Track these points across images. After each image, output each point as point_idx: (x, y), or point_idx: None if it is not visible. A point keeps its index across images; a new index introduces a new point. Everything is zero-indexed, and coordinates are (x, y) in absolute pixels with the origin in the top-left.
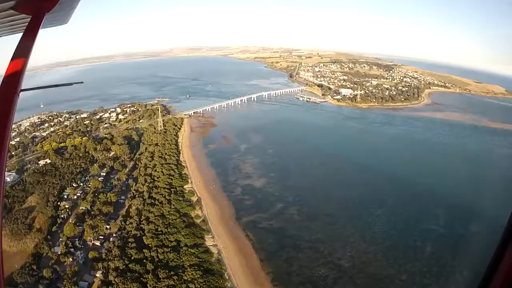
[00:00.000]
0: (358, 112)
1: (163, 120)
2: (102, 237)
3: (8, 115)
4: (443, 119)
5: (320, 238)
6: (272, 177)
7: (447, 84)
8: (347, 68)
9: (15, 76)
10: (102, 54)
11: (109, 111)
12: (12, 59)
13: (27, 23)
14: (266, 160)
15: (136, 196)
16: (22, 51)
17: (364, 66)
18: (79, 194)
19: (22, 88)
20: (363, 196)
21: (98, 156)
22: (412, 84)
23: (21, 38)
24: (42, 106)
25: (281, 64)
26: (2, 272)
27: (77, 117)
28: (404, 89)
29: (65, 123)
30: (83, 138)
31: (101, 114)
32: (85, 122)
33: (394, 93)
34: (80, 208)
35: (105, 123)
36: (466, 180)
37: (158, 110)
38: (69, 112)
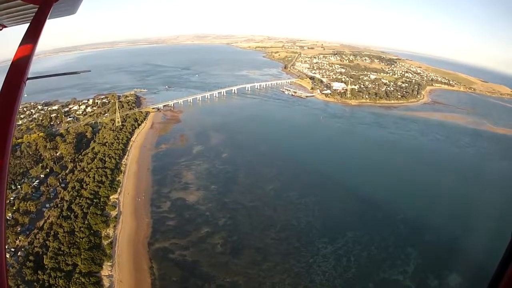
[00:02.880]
0: (345, 109)
1: (126, 115)
2: (13, 250)
3: (14, 103)
4: (441, 121)
5: (236, 283)
6: (211, 191)
7: (451, 82)
8: (347, 61)
9: (22, 65)
10: (111, 39)
11: (80, 103)
12: (19, 48)
13: (34, 13)
14: (214, 168)
15: (58, 205)
16: (29, 41)
17: (365, 59)
18: (12, 199)
19: (28, 77)
20: (315, 224)
21: (45, 155)
22: (413, 80)
23: (28, 27)
24: (25, 95)
25: (279, 54)
26: (5, 272)
27: (48, 109)
28: (403, 85)
29: (34, 116)
30: (40, 134)
31: (72, 106)
32: (52, 115)
33: (392, 89)
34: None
35: (70, 117)
36: (462, 211)
37: (115, 104)
38: (45, 104)
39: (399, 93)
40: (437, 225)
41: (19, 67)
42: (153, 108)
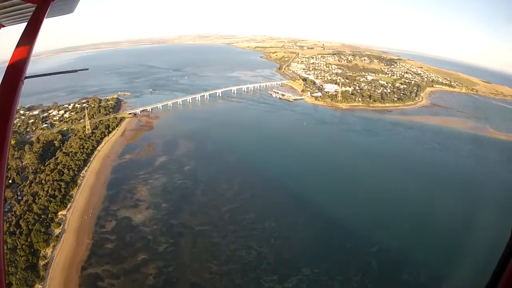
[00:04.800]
0: (335, 114)
1: (100, 121)
2: None
3: (12, 102)
4: (439, 126)
5: None
6: (161, 210)
7: (452, 83)
8: (345, 61)
9: (19, 64)
10: (114, 39)
11: (60, 108)
12: (16, 47)
13: (32, 12)
14: (172, 182)
15: (8, 220)
16: (27, 40)
17: (364, 59)
18: None
19: (26, 75)
20: (267, 257)
21: (12, 165)
22: (413, 82)
23: (26, 26)
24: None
25: (276, 55)
26: (4, 273)
27: (29, 114)
28: (402, 86)
29: (15, 121)
30: (11, 142)
31: (51, 111)
32: (29, 121)
33: (389, 91)
34: None
35: (46, 123)
36: (456, 241)
37: (92, 109)
38: (28, 108)
39: (395, 96)
40: (423, 262)
41: (17, 66)
42: (129, 114)
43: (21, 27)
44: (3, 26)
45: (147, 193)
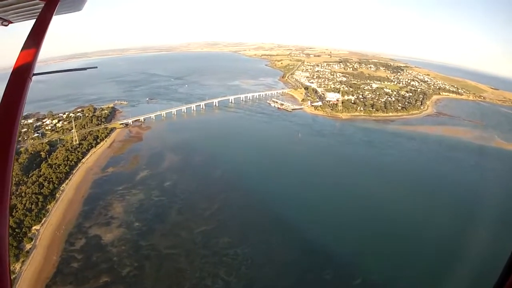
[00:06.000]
0: (335, 124)
1: (90, 132)
2: None
3: (20, 99)
4: (444, 136)
5: None
6: (132, 229)
7: (459, 90)
8: (351, 69)
9: (28, 60)
10: (122, 46)
11: (54, 117)
12: (25, 44)
13: (40, 9)
14: (148, 199)
15: None
16: (35, 37)
17: (370, 67)
18: None
19: (34, 72)
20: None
21: None
22: (419, 89)
23: (35, 23)
24: None
25: (281, 63)
26: (9, 274)
27: (24, 123)
28: (407, 94)
29: None
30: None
31: (45, 120)
32: (22, 130)
33: (393, 99)
34: None
35: (38, 133)
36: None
37: (73, 121)
38: (25, 116)
39: (399, 104)
40: None
41: (25, 63)
42: (121, 124)
43: (29, 24)
44: (11, 22)
45: (121, 210)
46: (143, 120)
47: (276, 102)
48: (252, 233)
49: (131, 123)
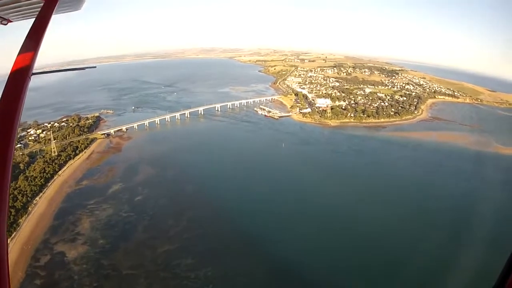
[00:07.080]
0: (322, 132)
1: (70, 143)
2: None
3: (19, 98)
4: (438, 143)
5: None
6: (96, 247)
7: (455, 93)
8: (345, 73)
9: (27, 59)
10: (119, 53)
11: (38, 127)
12: (24, 43)
13: (39, 8)
14: (117, 215)
15: None
16: (35, 35)
17: (364, 71)
18: None
19: (33, 72)
20: None
21: None
22: (414, 93)
23: (34, 22)
24: None
25: (275, 68)
26: (8, 274)
27: None
28: (401, 99)
29: None
30: None
31: (30, 130)
32: None
33: (386, 104)
34: None
35: (21, 143)
36: None
37: (50, 134)
38: None
39: (392, 109)
40: None
41: (24, 61)
42: (102, 134)
43: (28, 23)
44: (11, 21)
45: (88, 226)
46: (125, 130)
47: (264, 110)
48: (216, 254)
49: (113, 133)
